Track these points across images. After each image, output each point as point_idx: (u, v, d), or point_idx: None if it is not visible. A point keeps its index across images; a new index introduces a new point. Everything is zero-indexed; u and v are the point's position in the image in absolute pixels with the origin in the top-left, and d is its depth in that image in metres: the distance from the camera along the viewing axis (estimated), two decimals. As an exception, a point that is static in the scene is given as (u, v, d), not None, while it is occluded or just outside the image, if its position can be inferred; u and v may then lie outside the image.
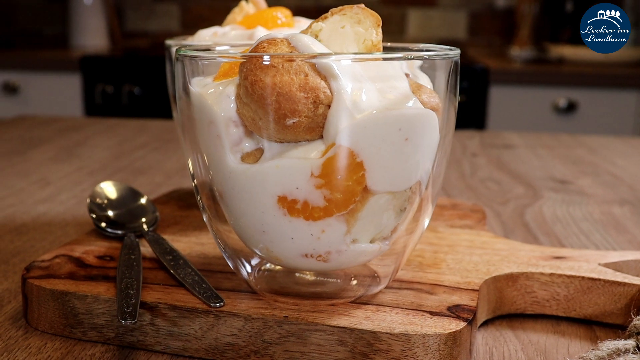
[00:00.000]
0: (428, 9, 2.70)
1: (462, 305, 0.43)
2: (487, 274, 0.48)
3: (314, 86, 0.37)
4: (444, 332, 0.40)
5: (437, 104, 0.42)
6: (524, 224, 0.70)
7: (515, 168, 0.94)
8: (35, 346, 0.44)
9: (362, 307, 0.43)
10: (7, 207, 0.72)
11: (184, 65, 0.41)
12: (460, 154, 1.04)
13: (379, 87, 0.39)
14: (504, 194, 0.82)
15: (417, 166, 0.41)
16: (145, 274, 0.48)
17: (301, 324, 0.41)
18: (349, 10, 0.44)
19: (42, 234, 0.64)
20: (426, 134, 0.40)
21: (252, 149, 0.40)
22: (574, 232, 0.68)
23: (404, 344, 0.40)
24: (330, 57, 0.38)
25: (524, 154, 1.04)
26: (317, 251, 0.41)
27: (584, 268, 0.50)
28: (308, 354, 0.41)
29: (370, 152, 0.38)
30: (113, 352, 0.44)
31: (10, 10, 2.84)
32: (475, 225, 0.60)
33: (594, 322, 0.49)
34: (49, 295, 0.45)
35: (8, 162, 0.92)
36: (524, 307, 0.49)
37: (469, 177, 0.90)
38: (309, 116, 0.37)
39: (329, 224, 0.40)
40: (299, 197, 0.39)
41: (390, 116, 0.38)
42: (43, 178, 0.84)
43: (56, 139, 1.09)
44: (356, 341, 0.40)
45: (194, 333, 0.43)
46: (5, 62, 2.26)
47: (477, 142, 1.12)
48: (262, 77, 0.37)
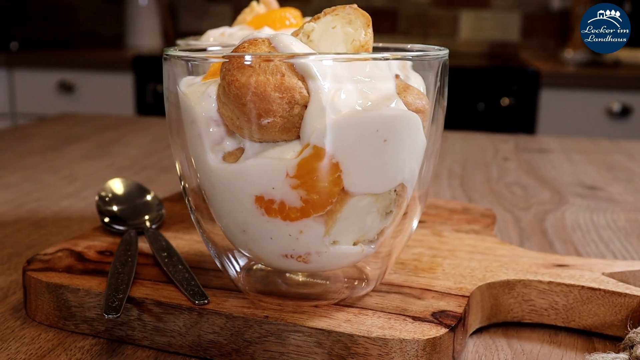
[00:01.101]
0: (480, 10, 2.65)
1: (447, 312, 0.43)
2: (482, 280, 0.47)
3: (290, 86, 0.37)
4: (423, 338, 0.39)
5: (422, 106, 0.41)
6: (542, 230, 0.68)
7: (545, 173, 0.92)
8: (30, 336, 0.45)
9: (344, 310, 0.43)
10: (32, 202, 0.74)
11: (171, 66, 0.42)
12: (491, 157, 1.02)
13: (361, 87, 0.39)
14: (528, 199, 0.80)
15: (398, 168, 0.40)
16: (140, 270, 0.49)
17: (280, 325, 0.41)
18: (341, 11, 0.43)
19: (59, 229, 0.66)
20: (408, 135, 0.40)
21: (233, 148, 0.40)
22: (593, 239, 0.66)
23: (381, 349, 0.39)
24: (308, 58, 0.38)
25: (558, 158, 1.01)
26: (297, 252, 0.41)
27: (586, 277, 0.48)
28: (287, 354, 0.41)
29: (346, 153, 0.38)
30: (102, 345, 0.45)
31: (70, 12, 2.93)
32: (482, 231, 0.58)
33: (594, 333, 0.47)
34: (45, 288, 0.47)
35: (42, 157, 0.95)
36: (521, 316, 0.48)
37: (494, 181, 0.88)
38: (284, 116, 0.37)
39: (306, 224, 0.39)
40: (276, 197, 0.39)
41: (367, 117, 0.38)
42: (72, 174, 0.87)
43: (93, 136, 1.12)
44: (334, 344, 0.40)
45: (179, 329, 0.43)
46: (61, 62, 2.34)
47: (510, 146, 1.10)
48: (238, 77, 0.37)
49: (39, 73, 2.36)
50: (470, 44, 2.68)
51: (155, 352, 0.44)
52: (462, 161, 0.99)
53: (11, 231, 0.65)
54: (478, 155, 1.03)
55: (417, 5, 2.69)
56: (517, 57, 2.46)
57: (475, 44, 2.65)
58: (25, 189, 0.79)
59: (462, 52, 2.62)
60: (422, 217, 0.62)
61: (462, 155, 1.04)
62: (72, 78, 2.33)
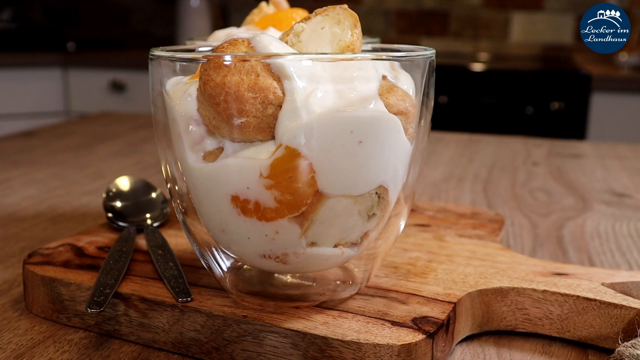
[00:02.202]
0: (533, 12, 2.60)
1: (428, 317, 0.42)
2: (474, 287, 0.46)
3: (264, 86, 0.37)
4: (397, 343, 0.39)
5: (405, 107, 0.40)
6: (559, 237, 0.66)
7: (574, 179, 0.89)
8: (24, 328, 0.47)
9: (324, 312, 0.42)
10: (55, 197, 0.77)
11: (156, 66, 0.42)
12: (521, 162, 0.99)
13: (340, 88, 0.38)
14: (550, 205, 0.77)
15: (376, 170, 0.40)
16: (134, 266, 0.49)
17: (257, 325, 0.41)
18: (331, 11, 0.43)
19: (75, 224, 0.68)
20: (386, 137, 0.39)
21: (213, 147, 0.40)
22: (610, 248, 0.64)
23: (355, 353, 0.39)
24: (284, 58, 0.38)
25: (590, 164, 0.98)
26: (274, 252, 0.41)
27: (583, 287, 0.46)
28: (264, 354, 0.41)
29: (319, 154, 0.38)
30: (90, 338, 0.46)
31: (124, 13, 3.01)
32: (487, 236, 0.57)
33: (590, 345, 0.45)
34: (40, 281, 0.48)
35: (74, 154, 0.98)
36: (515, 325, 0.47)
37: (519, 186, 0.86)
38: (257, 116, 0.37)
39: (282, 225, 0.39)
40: (251, 197, 0.39)
41: (341, 118, 0.37)
42: (98, 171, 0.89)
43: (126, 134, 1.14)
44: (309, 346, 0.40)
45: (162, 326, 0.44)
46: (114, 62, 2.40)
47: (543, 151, 1.07)
48: (213, 77, 0.37)
49: (93, 73, 2.43)
50: (522, 47, 2.62)
51: (140, 347, 0.45)
52: (490, 165, 0.97)
53: (29, 226, 0.67)
54: (508, 160, 1.01)
55: (468, 7, 2.66)
56: (570, 61, 2.39)
57: (527, 47, 2.59)
58: (50, 185, 0.82)
59: (513, 54, 2.57)
60: (427, 221, 0.61)
61: (491, 159, 1.02)
62: (123, 77, 2.38)
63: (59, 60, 2.43)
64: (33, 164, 0.92)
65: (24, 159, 0.95)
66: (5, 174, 0.86)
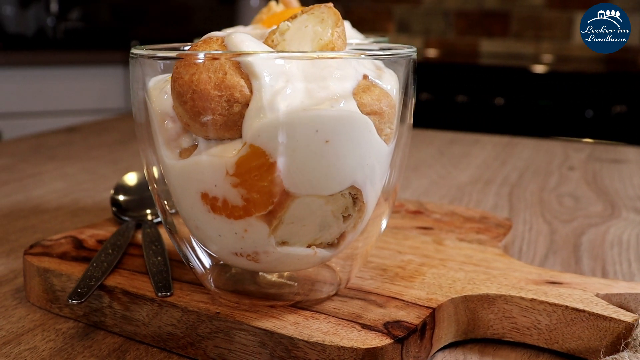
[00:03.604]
0: (598, 11, 2.51)
1: (402, 322, 0.41)
2: (459, 293, 0.45)
3: (231, 85, 0.37)
4: (362, 347, 0.38)
5: (379, 107, 0.40)
6: (576, 244, 0.64)
7: (609, 185, 0.86)
8: (18, 316, 0.48)
9: (297, 312, 0.42)
10: (80, 191, 0.79)
11: (136, 65, 0.43)
12: (556, 166, 0.96)
13: (310, 87, 0.38)
14: (575, 211, 0.75)
15: (345, 170, 0.39)
16: (127, 260, 0.50)
17: (229, 322, 0.41)
18: (316, 9, 0.43)
19: (92, 218, 0.70)
20: (355, 137, 0.39)
21: (188, 144, 0.41)
22: (628, 258, 0.61)
23: (319, 354, 0.39)
24: (253, 56, 0.37)
25: (630, 170, 0.94)
26: (245, 250, 0.41)
27: (574, 297, 0.44)
28: (234, 352, 0.41)
29: (284, 153, 0.37)
30: (77, 329, 0.47)
31: (186, 13, 3.07)
32: (488, 241, 0.55)
33: (578, 358, 0.44)
34: (35, 271, 0.49)
35: (109, 150, 1.01)
36: (502, 333, 0.45)
37: (548, 191, 0.83)
38: (223, 114, 0.37)
39: (250, 223, 0.39)
40: (218, 195, 0.39)
41: (305, 117, 0.37)
42: (128, 167, 0.91)
43: (165, 131, 1.17)
44: (276, 345, 0.40)
45: (142, 319, 0.45)
46: (173, 61, 2.45)
47: (583, 155, 1.03)
48: (182, 75, 0.38)
49: (153, 71, 2.49)
50: (586, 48, 2.53)
51: (122, 339, 0.46)
52: (523, 169, 0.94)
53: (48, 218, 0.69)
54: (543, 163, 0.98)
55: (530, 7, 2.59)
56: (636, 63, 2.30)
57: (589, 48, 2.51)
58: (79, 179, 0.84)
59: (576, 56, 2.49)
60: (429, 224, 0.60)
61: (526, 162, 0.99)
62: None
63: (122, 59, 2.50)
64: (68, 158, 0.95)
65: (61, 153, 0.98)
66: (40, 167, 0.89)
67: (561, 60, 2.38)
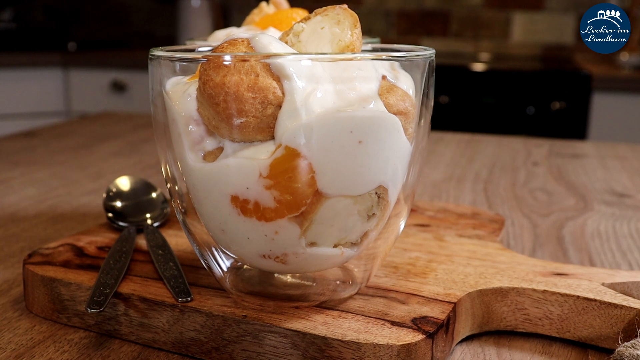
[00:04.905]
0: (534, 12, 2.59)
1: (428, 318, 0.42)
2: (474, 287, 0.46)
3: (264, 86, 0.37)
4: (397, 343, 0.39)
5: (405, 107, 0.40)
6: (559, 237, 0.66)
7: (575, 179, 0.89)
8: (24, 328, 0.47)
9: (324, 312, 0.42)
10: (55, 197, 0.77)
11: (156, 66, 0.42)
12: (521, 162, 0.99)
13: (340, 88, 0.38)
14: (550, 205, 0.77)
15: (376, 170, 0.40)
16: (134, 266, 0.49)
17: (257, 325, 0.41)
18: (331, 11, 0.43)
19: (75, 224, 0.68)
20: (386, 137, 0.39)
21: (213, 147, 0.40)
22: (610, 248, 0.63)
23: (355, 353, 0.39)
24: (284, 58, 0.38)
25: (591, 164, 0.98)
26: (274, 252, 0.41)
27: (583, 287, 0.46)
28: (263, 354, 0.41)
29: (319, 154, 0.38)
30: (90, 338, 0.46)
31: (125, 13, 3.01)
32: (487, 236, 0.57)
33: (590, 345, 0.45)
34: (40, 281, 0.48)
35: (74, 154, 0.98)
36: (515, 325, 0.47)
37: (520, 186, 0.86)
38: (256, 116, 0.37)
39: (281, 225, 0.39)
40: (250, 197, 0.39)
41: (340, 118, 0.37)
42: (98, 171, 0.89)
43: (127, 134, 1.14)
44: (308, 346, 0.40)
45: (162, 326, 0.44)
46: (115, 62, 2.40)
47: (544, 151, 1.07)
48: (213, 77, 0.37)
49: (93, 72, 2.43)
50: (523, 47, 2.62)
51: (140, 347, 0.45)
52: (490, 165, 0.97)
53: (29, 225, 0.67)
54: (508, 160, 1.01)
55: (469, 7, 2.65)
56: (571, 60, 2.39)
57: (528, 47, 2.59)
58: (51, 184, 0.82)
59: (514, 54, 2.57)
60: (427, 221, 0.61)
61: (492, 159, 1.01)
62: (124, 78, 2.39)
63: (59, 60, 2.43)
64: (33, 164, 0.92)
65: (24, 159, 0.95)
66: (6, 174, 0.86)
67: (499, 59, 2.45)
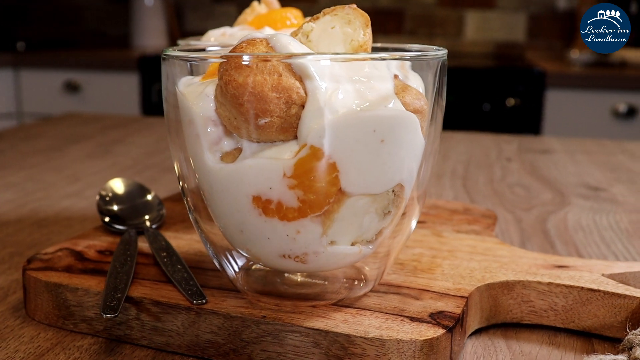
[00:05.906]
0: (486, 10, 2.65)
1: (445, 312, 0.43)
2: (481, 281, 0.47)
3: (287, 86, 0.37)
4: (420, 338, 0.39)
5: (421, 106, 0.41)
6: (544, 231, 0.68)
7: (548, 174, 0.92)
8: (29, 335, 0.46)
9: (342, 310, 0.43)
10: (34, 201, 0.75)
11: (169, 66, 0.42)
12: (494, 158, 1.01)
13: (359, 88, 0.39)
14: (530, 200, 0.79)
15: (396, 168, 0.40)
16: (139, 269, 0.49)
17: (278, 325, 0.41)
18: (340, 11, 0.43)
19: (61, 228, 0.66)
20: (405, 136, 0.40)
21: (231, 148, 0.40)
22: (594, 240, 0.66)
23: (378, 349, 0.39)
24: (305, 57, 0.38)
25: (561, 159, 1.01)
26: (294, 252, 0.41)
27: (585, 278, 0.48)
28: (284, 354, 0.41)
29: (343, 153, 0.38)
30: (100, 344, 0.45)
31: (76, 12, 2.94)
32: (483, 231, 0.58)
33: (594, 335, 0.47)
34: (44, 287, 0.47)
35: (46, 157, 0.96)
36: (521, 317, 0.48)
37: (497, 181, 0.88)
38: (281, 116, 0.37)
39: (303, 224, 0.39)
40: (273, 197, 0.39)
41: (364, 117, 0.38)
42: (74, 174, 0.87)
43: (97, 136, 1.12)
44: (331, 344, 0.40)
45: (177, 329, 0.43)
46: (67, 62, 2.35)
47: (514, 147, 1.10)
48: (235, 77, 0.37)
49: (45, 73, 2.37)
50: (475, 44, 2.67)
51: (153, 351, 0.44)
52: (465, 162, 0.99)
53: (13, 230, 0.65)
54: (481, 156, 1.03)
55: (422, 6, 2.69)
56: (523, 58, 2.45)
57: (480, 45, 2.65)
58: (28, 188, 0.80)
59: (467, 52, 2.62)
60: (422, 217, 0.62)
61: (465, 156, 1.03)
62: (78, 78, 2.33)
63: (8, 61, 2.36)
64: (5, 167, 0.89)
65: (-6, 162, 0.92)
66: (-22, 178, 0.84)
67: (454, 57, 2.49)
